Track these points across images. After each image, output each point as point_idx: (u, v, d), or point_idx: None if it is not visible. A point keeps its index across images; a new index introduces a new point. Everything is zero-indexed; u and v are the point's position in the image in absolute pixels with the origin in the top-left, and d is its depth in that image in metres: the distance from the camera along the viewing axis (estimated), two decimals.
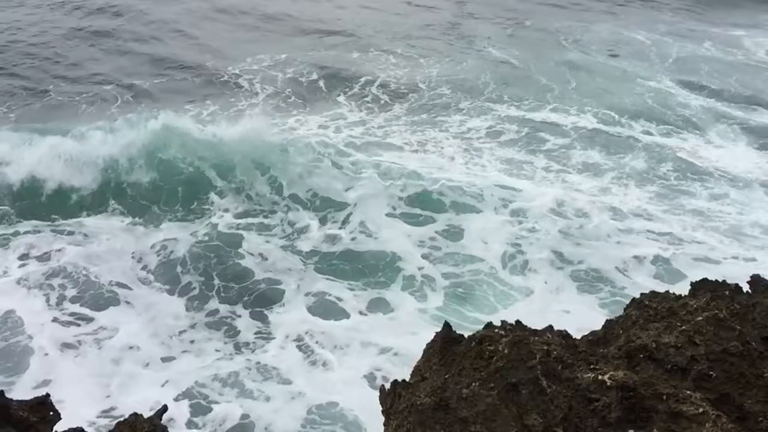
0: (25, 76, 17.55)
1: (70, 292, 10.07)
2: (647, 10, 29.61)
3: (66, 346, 9.02)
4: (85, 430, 3.63)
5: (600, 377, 3.28)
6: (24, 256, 10.86)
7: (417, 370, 3.81)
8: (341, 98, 17.53)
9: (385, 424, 3.71)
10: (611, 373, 3.30)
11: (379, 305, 10.15)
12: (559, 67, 20.89)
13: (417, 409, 3.41)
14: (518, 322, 3.74)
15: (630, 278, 10.66)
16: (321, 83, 18.43)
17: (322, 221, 12.13)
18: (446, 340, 3.71)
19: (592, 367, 3.43)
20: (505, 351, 3.40)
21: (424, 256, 11.21)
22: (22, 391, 8.05)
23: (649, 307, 3.75)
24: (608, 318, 4.00)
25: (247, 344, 9.26)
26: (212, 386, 8.42)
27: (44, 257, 10.85)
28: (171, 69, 18.78)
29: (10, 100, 16.04)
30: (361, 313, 9.94)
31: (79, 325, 9.44)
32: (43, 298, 9.91)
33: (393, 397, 3.73)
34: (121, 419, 3.69)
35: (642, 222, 12.18)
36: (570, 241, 11.51)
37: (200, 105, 16.31)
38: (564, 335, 3.64)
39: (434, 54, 21.54)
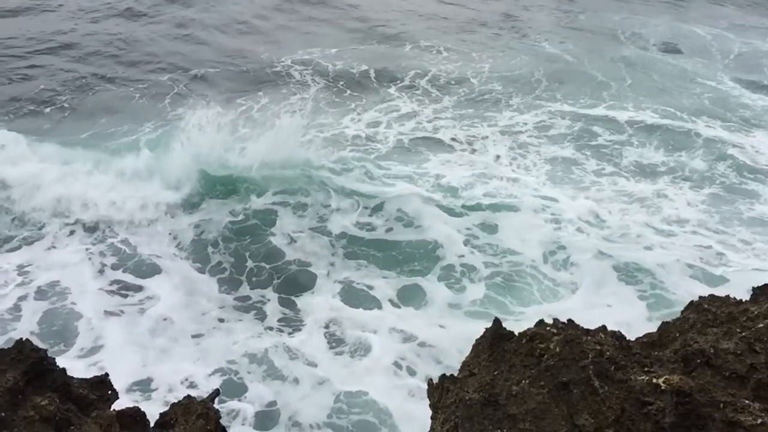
0: (91, 62, 18.11)
1: (112, 261, 10.41)
2: (708, 3, 28.67)
3: (109, 314, 9.30)
4: (141, 409, 3.74)
5: (654, 380, 3.20)
6: (68, 224, 11.20)
7: (465, 366, 3.80)
8: (392, 90, 17.52)
9: (432, 418, 3.72)
10: (666, 376, 3.22)
11: (414, 295, 9.96)
12: (615, 63, 20.42)
13: (465, 404, 3.40)
14: (570, 320, 3.68)
15: (673, 279, 10.34)
16: (372, 75, 18.46)
17: (356, 207, 12.05)
18: (496, 337, 3.68)
19: (646, 369, 3.36)
20: (557, 349, 3.36)
21: (464, 244, 11.05)
22: (71, 356, 8.43)
23: (708, 311, 3.64)
24: (658, 318, 3.90)
25: (275, 328, 9.28)
26: (241, 368, 8.47)
27: (90, 228, 11.20)
28: (228, 58, 19.11)
29: (71, 87, 16.58)
30: (392, 302, 9.78)
31: (124, 295, 9.74)
32: (88, 268, 10.23)
33: (441, 392, 3.73)
34: (176, 401, 3.81)
35: (691, 230, 11.79)
36: (612, 243, 11.21)
37: (252, 97, 16.50)
38: (618, 336, 3.57)
39: (486, 48, 21.33)
